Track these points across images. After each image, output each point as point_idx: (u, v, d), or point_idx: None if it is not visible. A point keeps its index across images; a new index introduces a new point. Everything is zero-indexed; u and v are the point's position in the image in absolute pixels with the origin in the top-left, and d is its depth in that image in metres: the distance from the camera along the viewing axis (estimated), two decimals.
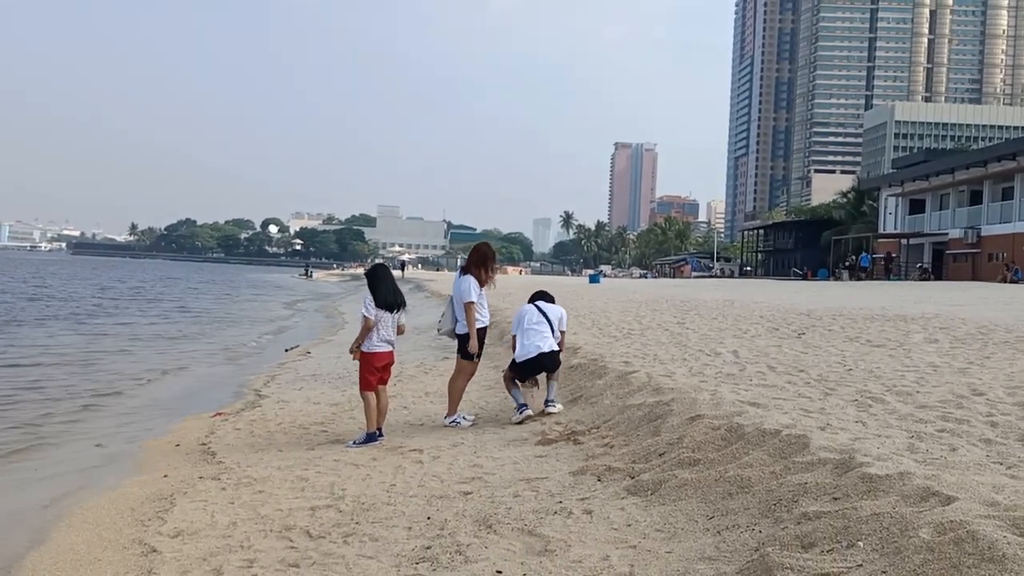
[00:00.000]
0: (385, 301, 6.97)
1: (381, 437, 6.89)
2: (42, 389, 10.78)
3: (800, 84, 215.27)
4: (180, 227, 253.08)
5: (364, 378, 6.94)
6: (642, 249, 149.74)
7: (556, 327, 8.00)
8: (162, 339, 19.00)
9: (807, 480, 4.15)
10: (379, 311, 6.93)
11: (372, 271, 7.30)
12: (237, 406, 9.37)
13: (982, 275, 39.90)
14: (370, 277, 7.17)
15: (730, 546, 3.80)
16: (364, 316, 6.93)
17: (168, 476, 6.04)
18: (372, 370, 6.92)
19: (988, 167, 42.27)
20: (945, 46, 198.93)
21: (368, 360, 6.93)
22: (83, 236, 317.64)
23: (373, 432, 6.88)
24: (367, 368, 6.92)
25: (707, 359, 9.27)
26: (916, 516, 3.34)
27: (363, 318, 6.94)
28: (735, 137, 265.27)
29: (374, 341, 6.95)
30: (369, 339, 6.93)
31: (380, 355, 6.97)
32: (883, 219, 53.89)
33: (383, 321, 6.97)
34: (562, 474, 5.41)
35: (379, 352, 6.97)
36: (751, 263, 77.73)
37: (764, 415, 5.55)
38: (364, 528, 4.51)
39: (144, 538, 4.55)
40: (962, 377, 7.33)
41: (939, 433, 4.98)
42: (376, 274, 7.19)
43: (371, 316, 6.87)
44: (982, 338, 10.69)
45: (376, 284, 7.04)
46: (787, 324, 13.66)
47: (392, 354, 7.13)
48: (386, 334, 7.01)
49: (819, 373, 7.81)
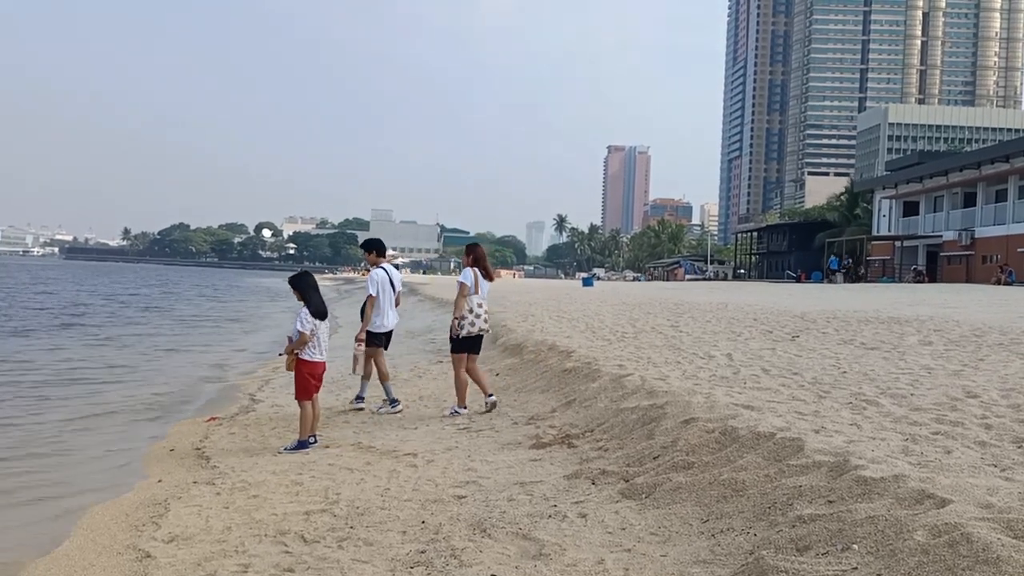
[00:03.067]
0: (318, 310, 6.97)
1: (315, 443, 6.91)
2: (37, 395, 10.73)
3: (793, 86, 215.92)
4: (173, 231, 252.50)
5: (304, 388, 6.93)
6: (635, 252, 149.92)
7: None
8: (157, 344, 18.94)
9: (802, 483, 4.16)
10: (315, 321, 6.92)
11: (301, 280, 7.14)
12: (231, 410, 9.34)
13: (976, 277, 40.04)
14: (302, 287, 7.04)
15: (725, 549, 3.80)
16: (300, 332, 6.86)
17: (162, 481, 6.02)
18: (312, 379, 6.95)
19: (982, 169, 42.45)
20: (938, 48, 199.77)
21: (311, 370, 6.95)
22: (76, 241, 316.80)
23: (306, 440, 6.90)
24: (308, 377, 6.93)
25: (701, 362, 9.28)
26: (911, 519, 3.35)
27: (299, 333, 6.87)
28: (728, 139, 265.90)
29: (315, 351, 6.95)
30: (311, 349, 6.92)
31: (320, 364, 7.03)
32: (877, 221, 54.08)
33: (321, 331, 7.00)
34: (556, 478, 5.40)
35: (319, 361, 7.01)
36: (745, 266, 77.86)
37: (758, 418, 5.55)
38: (359, 532, 4.49)
39: (139, 543, 4.53)
40: (956, 379, 7.35)
41: (934, 436, 4.99)
42: (308, 283, 7.09)
43: (307, 331, 6.86)
44: (976, 340, 10.73)
45: (309, 294, 6.98)
46: (781, 327, 13.69)
47: (325, 363, 7.15)
48: (325, 343, 7.07)
49: (813, 376, 7.82)
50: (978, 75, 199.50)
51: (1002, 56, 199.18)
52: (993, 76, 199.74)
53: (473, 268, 8.18)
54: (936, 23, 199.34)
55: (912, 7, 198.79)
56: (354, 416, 8.39)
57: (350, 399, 9.07)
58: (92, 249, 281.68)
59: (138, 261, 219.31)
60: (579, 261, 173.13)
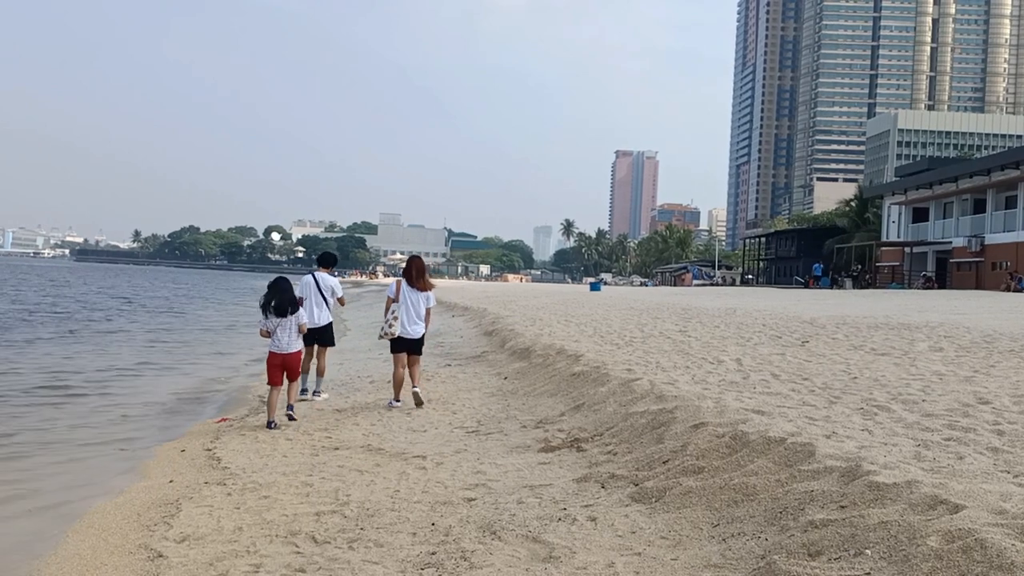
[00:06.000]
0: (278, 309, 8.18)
1: (274, 427, 7.90)
2: (49, 394, 10.78)
3: (802, 92, 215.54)
4: (183, 234, 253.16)
5: (268, 374, 8.32)
6: (643, 257, 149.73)
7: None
8: (169, 346, 19.01)
9: (813, 488, 4.15)
10: (272, 320, 8.18)
11: (271, 284, 8.41)
12: (241, 412, 9.37)
13: (986, 284, 39.85)
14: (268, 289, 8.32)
15: (736, 554, 3.80)
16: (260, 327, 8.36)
17: (174, 481, 6.04)
18: (271, 367, 8.22)
19: (992, 176, 42.27)
20: (948, 55, 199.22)
21: (270, 359, 8.25)
22: (86, 243, 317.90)
23: (271, 420, 8.01)
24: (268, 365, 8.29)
25: (710, 367, 9.26)
26: (924, 524, 3.34)
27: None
28: (737, 145, 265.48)
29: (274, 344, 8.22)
30: (273, 342, 8.22)
31: (275, 355, 8.20)
32: (886, 227, 53.88)
33: (280, 326, 8.20)
34: (566, 481, 5.40)
35: (275, 352, 8.20)
36: (753, 271, 77.67)
37: (769, 423, 5.54)
38: (369, 534, 4.50)
39: (150, 543, 4.55)
40: (968, 386, 7.32)
41: (946, 442, 4.97)
42: (274, 286, 8.33)
43: (261, 328, 8.30)
44: (987, 347, 10.68)
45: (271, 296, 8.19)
46: (790, 332, 13.65)
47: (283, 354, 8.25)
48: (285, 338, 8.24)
49: (824, 381, 7.80)
50: (988, 81, 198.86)
51: (1012, 63, 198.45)
52: (1003, 83, 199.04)
53: (399, 279, 9.31)
54: (946, 29, 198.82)
55: (922, 13, 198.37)
56: (363, 419, 8.40)
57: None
58: (103, 251, 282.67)
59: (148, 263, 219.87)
60: (586, 266, 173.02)
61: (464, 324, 22.32)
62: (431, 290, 9.30)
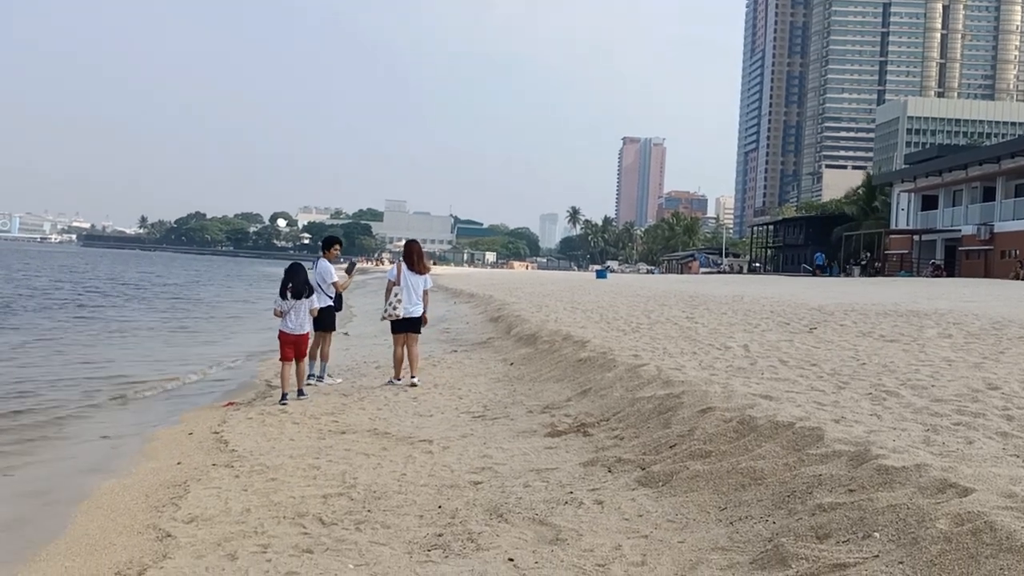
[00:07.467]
0: (296, 291, 8.57)
1: (285, 402, 8.31)
2: (59, 378, 10.84)
3: (812, 79, 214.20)
4: (190, 220, 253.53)
5: (281, 351, 8.68)
6: (649, 245, 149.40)
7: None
8: (177, 332, 19.08)
9: (822, 472, 4.14)
10: (288, 301, 8.56)
11: (287, 270, 8.82)
12: (249, 396, 9.40)
13: (995, 272, 39.64)
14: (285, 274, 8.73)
15: (743, 536, 3.79)
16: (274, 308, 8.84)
17: (181, 463, 6.07)
18: (284, 345, 8.60)
19: (1001, 163, 41.98)
20: (958, 41, 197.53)
21: (283, 337, 8.61)
22: (93, 228, 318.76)
23: (285, 392, 8.46)
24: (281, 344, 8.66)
25: (717, 353, 9.24)
26: (933, 507, 3.33)
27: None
28: (745, 132, 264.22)
29: (287, 323, 8.60)
30: (285, 322, 8.60)
31: (287, 334, 8.59)
32: (895, 215, 53.60)
33: (295, 308, 8.58)
34: (572, 465, 5.40)
35: (287, 332, 8.59)
36: (760, 259, 77.44)
37: (777, 408, 5.53)
38: (376, 516, 4.51)
39: (159, 523, 4.57)
40: (977, 372, 7.29)
41: (955, 426, 4.95)
42: (289, 271, 8.75)
43: (275, 308, 8.74)
44: (996, 333, 10.63)
45: (287, 279, 8.59)
46: (798, 319, 13.61)
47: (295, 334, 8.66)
48: (297, 319, 8.63)
49: (832, 367, 7.78)
50: (998, 68, 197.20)
51: (1022, 50, 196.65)
52: (1013, 70, 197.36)
53: (400, 263, 9.75)
54: (956, 16, 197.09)
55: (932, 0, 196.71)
56: (370, 403, 8.42)
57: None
58: (109, 237, 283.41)
59: (155, 249, 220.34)
60: (592, 253, 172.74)
61: (470, 310, 22.34)
62: (428, 272, 9.95)
